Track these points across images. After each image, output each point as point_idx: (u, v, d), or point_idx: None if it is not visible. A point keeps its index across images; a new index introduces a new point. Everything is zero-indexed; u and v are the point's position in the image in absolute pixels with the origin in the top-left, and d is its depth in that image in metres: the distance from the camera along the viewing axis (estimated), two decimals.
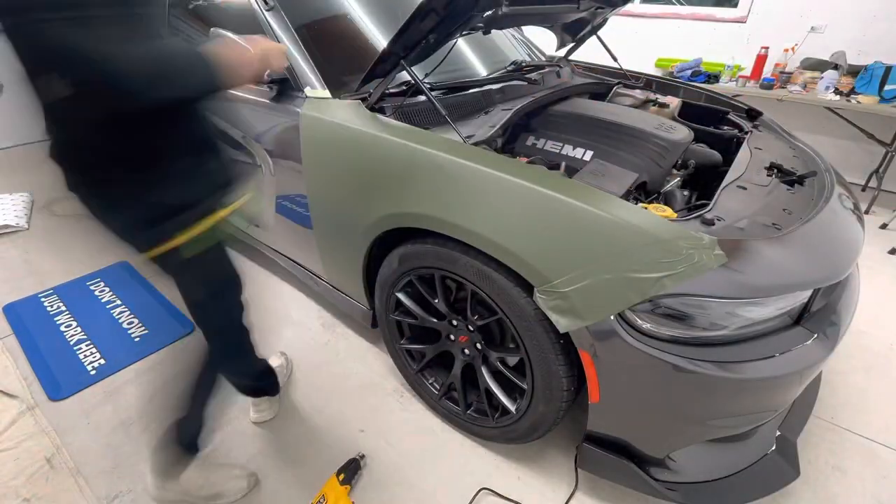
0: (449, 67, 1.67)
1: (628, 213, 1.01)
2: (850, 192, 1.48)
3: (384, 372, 1.81)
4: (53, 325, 2.02)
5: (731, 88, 3.37)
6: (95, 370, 1.79)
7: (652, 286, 0.96)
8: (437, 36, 1.32)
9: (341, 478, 1.36)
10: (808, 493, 1.38)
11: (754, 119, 1.98)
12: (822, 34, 3.26)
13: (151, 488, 1.29)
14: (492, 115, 1.56)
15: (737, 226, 1.12)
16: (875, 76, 2.96)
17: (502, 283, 1.16)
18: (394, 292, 1.48)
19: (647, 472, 1.19)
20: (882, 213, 3.09)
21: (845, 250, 1.20)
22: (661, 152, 1.54)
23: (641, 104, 1.99)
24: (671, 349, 1.00)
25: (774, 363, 1.02)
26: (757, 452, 1.24)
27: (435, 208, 1.20)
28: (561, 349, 1.14)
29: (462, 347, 1.44)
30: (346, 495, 1.32)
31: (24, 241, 2.63)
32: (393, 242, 1.41)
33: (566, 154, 1.61)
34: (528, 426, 1.32)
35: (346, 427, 1.58)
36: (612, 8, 1.93)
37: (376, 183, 1.33)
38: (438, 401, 1.56)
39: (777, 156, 1.59)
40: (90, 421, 1.59)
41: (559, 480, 1.41)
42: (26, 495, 1.35)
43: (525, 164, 1.21)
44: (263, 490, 1.39)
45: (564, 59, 2.25)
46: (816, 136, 3.49)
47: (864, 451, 1.52)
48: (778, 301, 1.03)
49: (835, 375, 1.81)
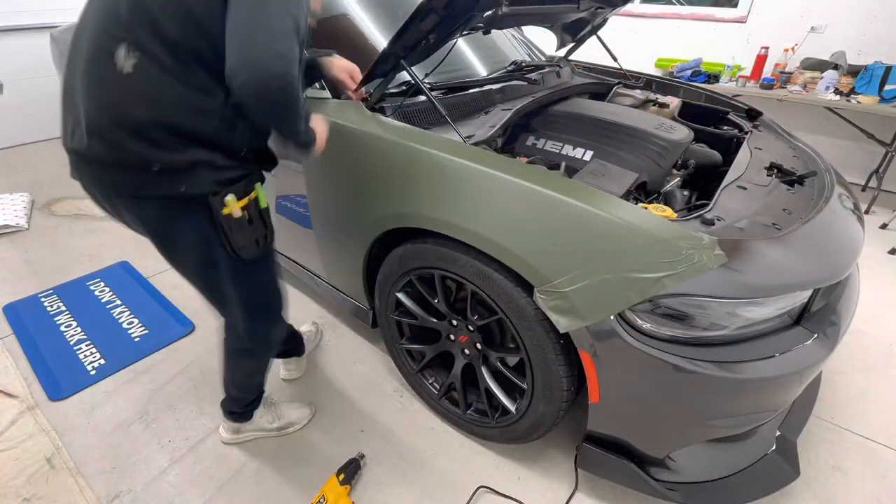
0: (449, 67, 1.67)
1: (628, 213, 1.01)
2: (850, 192, 1.48)
3: (384, 372, 1.81)
4: (53, 325, 2.02)
5: (731, 88, 3.37)
6: (95, 370, 1.79)
7: (652, 286, 0.96)
8: (437, 36, 1.32)
9: (341, 478, 1.36)
10: (808, 493, 1.38)
11: (754, 119, 1.99)
12: (822, 34, 3.26)
13: (226, 438, 1.52)
14: (492, 115, 1.56)
15: (737, 226, 1.12)
16: (875, 76, 2.96)
17: (502, 283, 1.16)
18: (394, 292, 1.48)
19: (647, 472, 1.19)
20: (882, 213, 3.09)
21: (845, 250, 1.20)
22: (661, 152, 1.55)
23: (641, 104, 1.99)
24: (671, 349, 1.00)
25: (774, 363, 1.02)
26: (757, 452, 1.24)
27: (435, 208, 1.20)
28: (561, 349, 1.14)
29: (462, 347, 1.44)
30: (347, 495, 1.33)
31: (24, 241, 2.63)
32: (393, 242, 1.41)
33: (566, 154, 1.61)
34: (528, 426, 1.32)
35: (346, 427, 1.58)
36: (612, 8, 1.93)
37: (376, 183, 1.33)
38: (438, 401, 1.56)
39: (777, 156, 1.59)
40: (90, 421, 1.59)
41: (559, 480, 1.41)
42: (26, 495, 1.35)
43: (525, 164, 1.21)
44: (262, 490, 1.39)
45: (564, 59, 2.25)
46: (816, 136, 3.49)
47: (864, 451, 1.52)
48: (778, 301, 1.03)
49: (835, 375, 1.81)
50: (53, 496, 1.35)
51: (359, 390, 1.73)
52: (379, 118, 1.35)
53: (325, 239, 1.64)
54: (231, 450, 1.50)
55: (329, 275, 1.76)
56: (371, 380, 1.77)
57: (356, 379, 1.78)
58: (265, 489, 1.39)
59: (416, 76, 1.36)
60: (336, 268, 1.70)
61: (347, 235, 1.50)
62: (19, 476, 1.40)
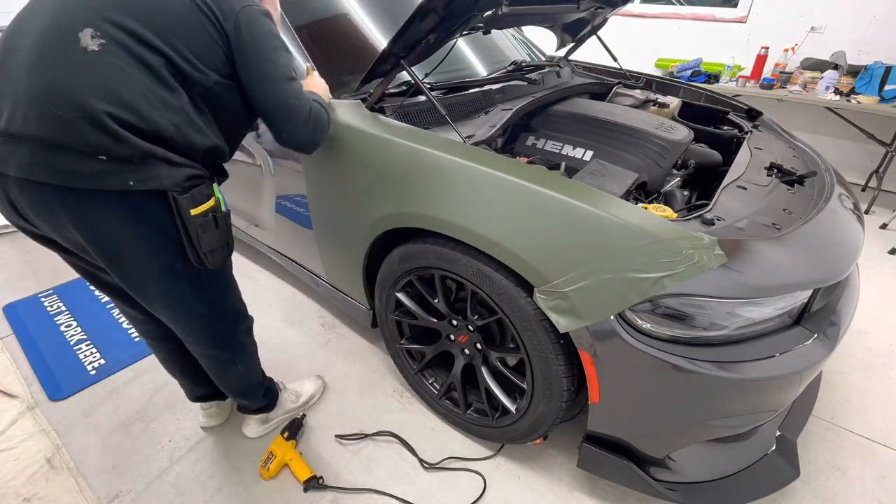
0: (449, 67, 1.67)
1: (628, 213, 1.01)
2: (850, 192, 1.48)
3: (384, 372, 1.81)
4: (53, 325, 2.02)
5: (731, 88, 3.37)
6: (95, 370, 1.79)
7: (652, 286, 0.96)
8: (437, 36, 1.32)
9: (285, 435, 1.47)
10: (808, 493, 1.38)
11: (754, 119, 1.99)
12: (822, 34, 3.26)
13: (257, 433, 1.53)
14: (492, 115, 1.56)
15: (737, 226, 1.12)
16: (875, 76, 2.96)
17: (502, 283, 1.16)
18: (394, 292, 1.48)
19: (647, 472, 1.19)
20: (882, 213, 3.09)
21: (845, 250, 1.20)
22: (661, 152, 1.55)
23: (641, 104, 1.99)
24: (671, 349, 1.00)
25: (774, 363, 1.02)
26: (757, 452, 1.24)
27: (435, 208, 1.20)
28: (561, 349, 1.14)
29: (462, 347, 1.44)
30: (293, 448, 1.45)
31: (24, 241, 2.63)
32: (393, 242, 1.41)
33: (566, 154, 1.61)
34: (529, 426, 1.32)
35: (345, 427, 1.58)
36: (612, 8, 1.93)
37: (376, 183, 1.33)
38: (438, 400, 1.56)
39: (777, 156, 1.59)
40: (90, 421, 1.59)
41: (559, 480, 1.41)
42: (26, 495, 1.35)
43: (525, 164, 1.21)
44: (263, 490, 1.39)
45: (564, 59, 2.25)
46: (816, 136, 3.50)
47: (864, 451, 1.52)
48: (778, 301, 1.03)
49: (835, 375, 1.81)
50: (53, 496, 1.35)
51: (359, 390, 1.73)
52: (379, 118, 1.35)
53: (325, 239, 1.64)
54: (231, 450, 1.50)
55: (329, 275, 1.76)
56: (371, 380, 1.77)
57: (356, 379, 1.78)
58: (265, 489, 1.39)
59: (416, 76, 1.36)
60: (336, 268, 1.70)
61: (347, 235, 1.50)
62: (19, 476, 1.40)
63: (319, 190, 1.53)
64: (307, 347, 1.93)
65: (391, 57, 1.30)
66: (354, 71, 1.52)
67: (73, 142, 0.84)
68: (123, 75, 0.86)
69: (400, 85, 1.53)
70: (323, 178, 1.50)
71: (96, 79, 0.84)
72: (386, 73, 1.38)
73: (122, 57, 0.87)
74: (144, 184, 0.90)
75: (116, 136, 0.85)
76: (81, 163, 0.85)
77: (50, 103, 0.83)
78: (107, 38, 0.86)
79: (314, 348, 1.93)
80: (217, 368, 1.31)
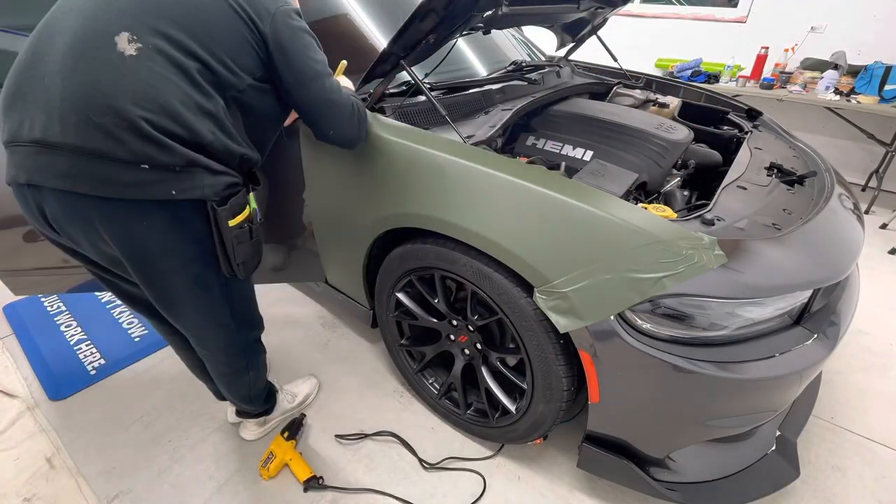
0: (449, 67, 1.67)
1: (628, 213, 1.01)
2: (850, 192, 1.48)
3: (384, 372, 1.81)
4: (53, 325, 2.02)
5: (731, 88, 3.37)
6: (95, 370, 1.79)
7: (652, 286, 0.96)
8: (437, 36, 1.32)
9: (285, 435, 1.47)
10: (808, 493, 1.38)
11: (754, 119, 1.99)
12: (822, 34, 3.27)
13: (255, 435, 1.52)
14: (492, 115, 1.55)
15: (737, 226, 1.12)
16: (875, 76, 2.97)
17: (502, 284, 1.16)
18: (394, 292, 1.48)
19: (647, 472, 1.19)
20: (882, 213, 3.09)
21: (845, 250, 1.20)
22: (661, 152, 1.55)
23: (641, 104, 1.99)
24: (671, 349, 1.00)
25: (774, 363, 1.02)
26: (757, 452, 1.24)
27: (435, 208, 1.20)
28: (561, 349, 1.14)
29: (462, 347, 1.44)
30: (293, 448, 1.45)
31: None
32: (393, 242, 1.41)
33: (566, 154, 1.61)
34: (529, 426, 1.32)
35: (345, 427, 1.58)
36: (612, 8, 1.93)
37: (376, 183, 1.33)
38: (438, 400, 1.56)
39: (777, 156, 1.59)
40: (90, 421, 1.59)
41: (559, 480, 1.41)
42: (26, 495, 1.35)
43: (525, 164, 1.21)
44: (263, 490, 1.39)
45: (564, 59, 2.25)
46: (816, 136, 3.50)
47: (864, 451, 1.52)
48: (778, 301, 1.03)
49: (835, 375, 1.81)
50: (53, 496, 1.35)
51: (359, 390, 1.73)
52: (379, 118, 1.35)
53: (325, 239, 1.64)
54: (230, 450, 1.50)
55: (329, 275, 1.76)
56: (371, 380, 1.77)
57: (356, 379, 1.78)
58: (265, 489, 1.39)
59: (416, 76, 1.36)
60: (336, 268, 1.70)
61: (347, 235, 1.50)
62: (19, 476, 1.40)
63: (319, 190, 1.53)
64: (307, 347, 1.93)
65: (391, 57, 1.30)
66: (354, 71, 1.52)
67: (115, 151, 0.82)
68: (161, 81, 0.84)
69: (400, 85, 1.53)
70: (323, 178, 1.50)
71: (136, 85, 0.82)
72: (386, 73, 1.38)
73: (160, 62, 0.85)
74: (186, 193, 0.89)
75: (159, 143, 0.83)
76: (124, 172, 0.83)
77: (90, 111, 0.80)
78: (143, 43, 0.84)
79: (314, 348, 1.93)
80: (230, 376, 1.30)
